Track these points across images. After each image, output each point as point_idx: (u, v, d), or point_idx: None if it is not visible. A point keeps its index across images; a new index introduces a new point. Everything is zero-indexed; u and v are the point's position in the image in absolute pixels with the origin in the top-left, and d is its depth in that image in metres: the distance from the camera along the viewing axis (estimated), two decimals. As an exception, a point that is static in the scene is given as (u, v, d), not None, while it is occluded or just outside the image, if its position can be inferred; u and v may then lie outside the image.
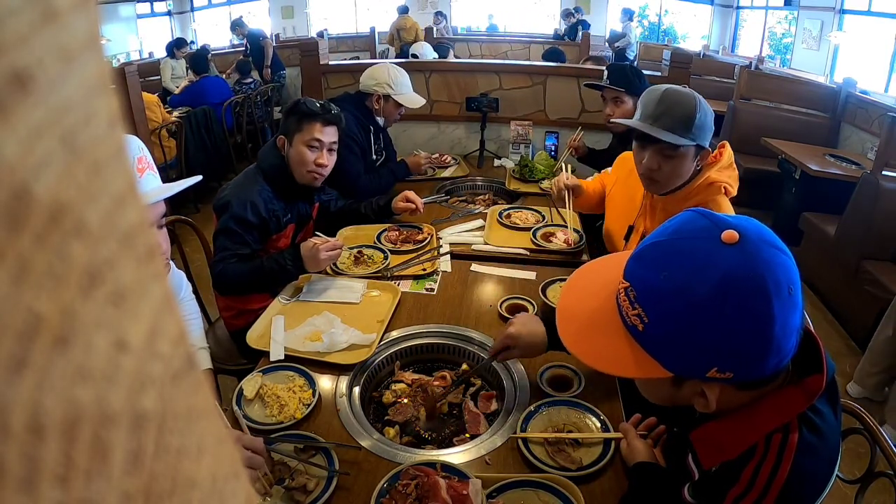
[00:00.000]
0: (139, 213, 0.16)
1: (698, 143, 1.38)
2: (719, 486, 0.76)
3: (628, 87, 2.19)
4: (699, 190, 1.44)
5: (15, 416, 0.12)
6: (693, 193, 1.44)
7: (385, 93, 2.32)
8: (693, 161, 1.42)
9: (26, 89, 0.12)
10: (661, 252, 0.74)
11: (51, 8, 0.13)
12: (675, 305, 0.69)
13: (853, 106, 4.38)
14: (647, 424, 1.15)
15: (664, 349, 0.72)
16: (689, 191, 1.45)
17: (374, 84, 2.32)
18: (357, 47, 8.00)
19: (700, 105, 1.37)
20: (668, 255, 0.73)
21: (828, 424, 0.76)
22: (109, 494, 0.14)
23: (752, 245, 0.68)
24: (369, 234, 2.00)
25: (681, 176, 1.44)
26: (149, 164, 1.08)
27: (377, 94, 2.32)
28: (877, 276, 2.79)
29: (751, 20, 7.76)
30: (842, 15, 5.65)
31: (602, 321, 0.79)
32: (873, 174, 2.89)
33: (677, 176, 1.43)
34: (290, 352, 1.37)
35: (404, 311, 1.58)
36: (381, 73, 2.32)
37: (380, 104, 2.35)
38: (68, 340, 0.13)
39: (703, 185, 1.43)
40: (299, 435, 1.13)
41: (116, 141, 0.15)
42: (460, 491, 0.96)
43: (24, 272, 0.12)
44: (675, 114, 1.36)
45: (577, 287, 0.88)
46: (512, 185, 2.55)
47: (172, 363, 0.17)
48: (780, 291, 0.67)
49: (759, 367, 0.70)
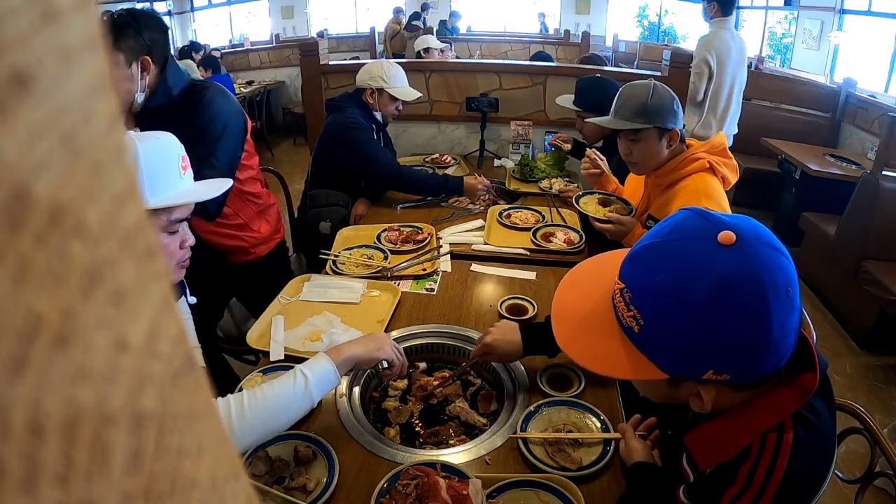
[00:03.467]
0: (139, 213, 0.16)
1: (657, 125, 1.56)
2: (716, 487, 0.76)
3: (588, 107, 2.23)
4: (684, 164, 1.58)
5: (15, 416, 0.12)
6: (677, 167, 1.59)
7: (378, 86, 2.34)
8: (660, 141, 1.60)
9: (26, 89, 0.12)
10: (657, 254, 0.73)
11: (51, 8, 0.13)
12: (671, 308, 0.69)
13: (853, 106, 4.38)
14: (646, 425, 1.15)
15: (660, 351, 0.71)
16: (673, 165, 1.60)
17: (368, 78, 2.34)
18: (357, 47, 8.00)
19: (654, 92, 1.56)
20: (665, 256, 0.72)
21: (822, 421, 0.75)
22: (109, 494, 0.14)
23: (750, 246, 0.67)
24: (369, 234, 2.00)
25: (653, 155, 1.62)
26: (188, 163, 1.12)
27: (371, 88, 2.34)
28: (877, 276, 2.79)
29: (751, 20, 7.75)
30: (842, 15, 5.64)
31: (596, 322, 0.78)
32: (873, 174, 2.89)
33: (650, 155, 1.62)
34: (290, 352, 1.37)
35: (404, 311, 1.58)
36: (374, 68, 2.36)
37: (374, 98, 2.36)
38: (68, 340, 0.13)
39: (689, 159, 1.58)
40: (299, 435, 1.13)
41: (116, 141, 0.15)
42: (460, 491, 0.96)
43: (24, 272, 0.12)
44: (630, 105, 1.59)
45: (572, 287, 0.87)
46: (512, 185, 2.55)
47: (172, 363, 0.17)
48: (778, 293, 0.66)
49: (757, 369, 0.69)
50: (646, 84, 1.60)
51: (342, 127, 2.26)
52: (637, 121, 1.57)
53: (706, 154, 1.57)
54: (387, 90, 2.35)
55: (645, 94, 1.57)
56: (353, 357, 1.10)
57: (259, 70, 7.26)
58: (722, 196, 1.54)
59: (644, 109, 1.56)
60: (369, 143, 2.27)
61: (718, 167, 1.56)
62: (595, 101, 2.20)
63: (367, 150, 2.26)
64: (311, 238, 2.28)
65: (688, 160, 1.58)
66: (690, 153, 1.59)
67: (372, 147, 2.27)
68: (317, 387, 1.03)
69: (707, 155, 1.57)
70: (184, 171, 1.08)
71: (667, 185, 1.63)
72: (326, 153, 2.34)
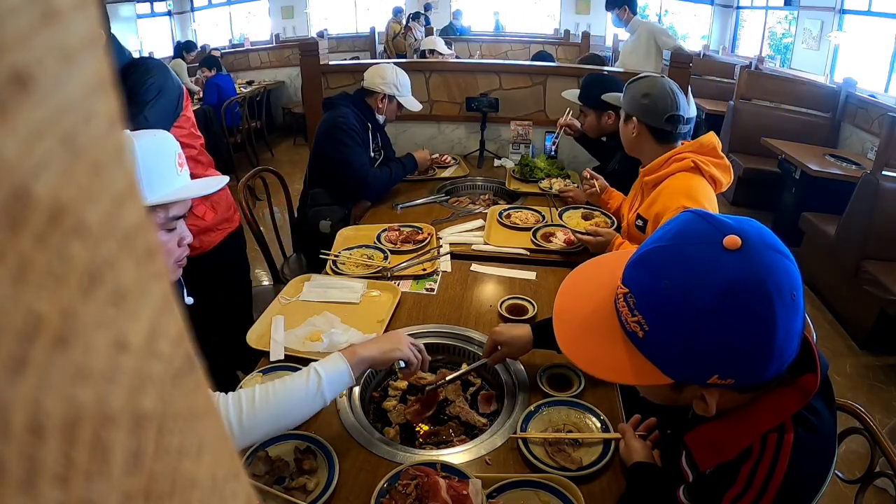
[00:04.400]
0: (139, 212, 0.16)
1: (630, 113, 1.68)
2: (716, 487, 0.76)
3: (591, 103, 2.28)
4: (669, 163, 1.60)
5: (15, 416, 0.12)
6: (662, 166, 1.62)
7: (391, 93, 2.35)
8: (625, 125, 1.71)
9: (26, 89, 0.12)
10: (661, 258, 0.73)
11: (51, 8, 0.13)
12: (677, 314, 0.68)
13: (853, 106, 4.38)
14: (647, 425, 1.15)
15: (665, 356, 0.71)
16: (659, 164, 1.63)
17: (381, 83, 2.34)
18: (357, 47, 8.00)
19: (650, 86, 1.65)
20: (669, 261, 0.71)
21: (823, 422, 0.75)
22: (109, 494, 0.14)
23: (755, 250, 0.67)
24: (369, 234, 2.00)
25: (627, 140, 1.74)
26: (185, 160, 1.12)
27: (382, 94, 2.35)
28: (877, 276, 2.79)
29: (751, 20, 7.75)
30: (842, 15, 5.64)
31: (599, 325, 0.78)
32: (873, 174, 2.89)
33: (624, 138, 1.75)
34: (290, 352, 1.37)
35: (404, 311, 1.58)
36: (389, 74, 2.36)
37: (383, 103, 2.37)
38: (68, 340, 0.13)
39: (674, 159, 1.60)
40: (299, 435, 1.13)
41: (116, 141, 0.15)
42: (460, 491, 0.96)
43: (24, 272, 0.12)
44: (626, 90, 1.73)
45: (573, 290, 0.87)
46: (512, 185, 2.55)
47: (172, 363, 0.17)
48: (783, 297, 0.66)
49: (761, 373, 0.69)
50: (650, 78, 1.68)
51: (330, 126, 2.27)
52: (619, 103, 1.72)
53: (692, 154, 1.57)
54: (398, 98, 2.38)
55: (643, 85, 1.66)
56: (368, 358, 1.09)
57: (259, 70, 7.26)
58: (705, 196, 1.52)
59: (628, 95, 1.69)
60: (348, 146, 2.25)
61: (705, 167, 1.55)
62: (597, 96, 2.21)
63: (344, 153, 2.24)
64: (311, 238, 2.28)
65: (672, 160, 1.59)
66: (675, 152, 1.60)
67: (350, 150, 2.25)
68: (329, 386, 1.02)
69: (692, 154, 1.56)
70: (180, 168, 1.09)
71: (654, 184, 1.64)
72: (318, 151, 2.35)
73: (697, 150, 1.58)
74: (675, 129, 1.63)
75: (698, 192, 1.52)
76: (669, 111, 1.61)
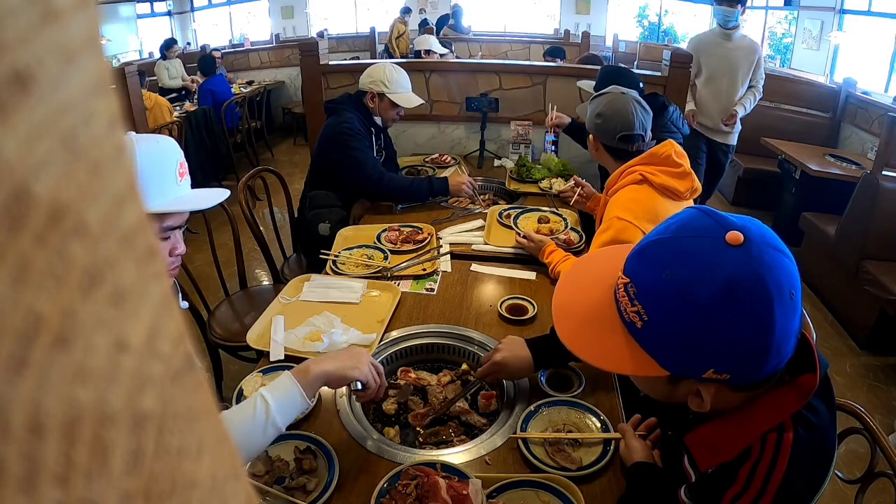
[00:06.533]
0: (139, 213, 0.16)
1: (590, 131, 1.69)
2: (716, 488, 0.76)
3: None
4: (620, 178, 1.59)
5: (15, 416, 0.12)
6: (615, 181, 1.61)
7: (379, 90, 2.31)
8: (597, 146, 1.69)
9: (26, 89, 0.12)
10: (664, 250, 0.73)
11: (51, 8, 0.13)
12: (676, 305, 0.69)
13: (853, 106, 4.38)
14: (647, 425, 1.15)
15: (662, 348, 0.71)
16: (613, 179, 1.63)
17: (369, 82, 2.32)
18: (357, 47, 7.99)
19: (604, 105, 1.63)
20: (672, 253, 0.72)
21: (822, 421, 0.75)
22: (109, 494, 0.14)
23: (756, 248, 0.67)
24: (369, 234, 2.00)
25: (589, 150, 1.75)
26: (186, 169, 1.09)
27: (372, 92, 2.32)
28: (877, 276, 2.79)
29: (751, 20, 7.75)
30: (842, 15, 5.64)
31: (598, 316, 0.79)
32: (873, 174, 2.89)
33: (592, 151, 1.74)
34: (290, 352, 1.37)
35: (404, 311, 1.58)
36: (377, 72, 2.32)
37: (375, 102, 2.34)
38: (68, 340, 0.13)
39: (625, 174, 1.58)
40: (299, 435, 1.13)
41: (116, 141, 0.15)
42: (460, 491, 0.96)
43: (24, 272, 0.12)
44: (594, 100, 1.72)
45: (573, 282, 0.87)
46: (512, 185, 2.55)
47: (172, 363, 0.17)
48: (782, 295, 0.66)
49: (757, 370, 0.69)
50: (606, 96, 1.65)
51: (335, 132, 2.24)
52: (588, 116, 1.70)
53: (641, 166, 1.54)
54: (387, 95, 2.31)
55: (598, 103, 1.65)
56: (323, 374, 1.01)
57: (259, 70, 7.25)
58: (644, 208, 1.47)
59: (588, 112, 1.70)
60: (358, 150, 2.22)
61: (654, 177, 1.51)
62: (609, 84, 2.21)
63: (355, 157, 2.22)
64: (311, 238, 2.28)
65: (625, 174, 1.57)
66: (627, 166, 1.57)
67: (360, 154, 2.22)
68: (280, 413, 0.94)
69: (641, 167, 1.53)
70: (181, 178, 1.05)
71: (610, 198, 1.62)
72: (322, 156, 2.33)
73: (648, 162, 1.54)
74: (629, 146, 1.60)
75: (639, 203, 1.48)
76: (621, 131, 1.59)
